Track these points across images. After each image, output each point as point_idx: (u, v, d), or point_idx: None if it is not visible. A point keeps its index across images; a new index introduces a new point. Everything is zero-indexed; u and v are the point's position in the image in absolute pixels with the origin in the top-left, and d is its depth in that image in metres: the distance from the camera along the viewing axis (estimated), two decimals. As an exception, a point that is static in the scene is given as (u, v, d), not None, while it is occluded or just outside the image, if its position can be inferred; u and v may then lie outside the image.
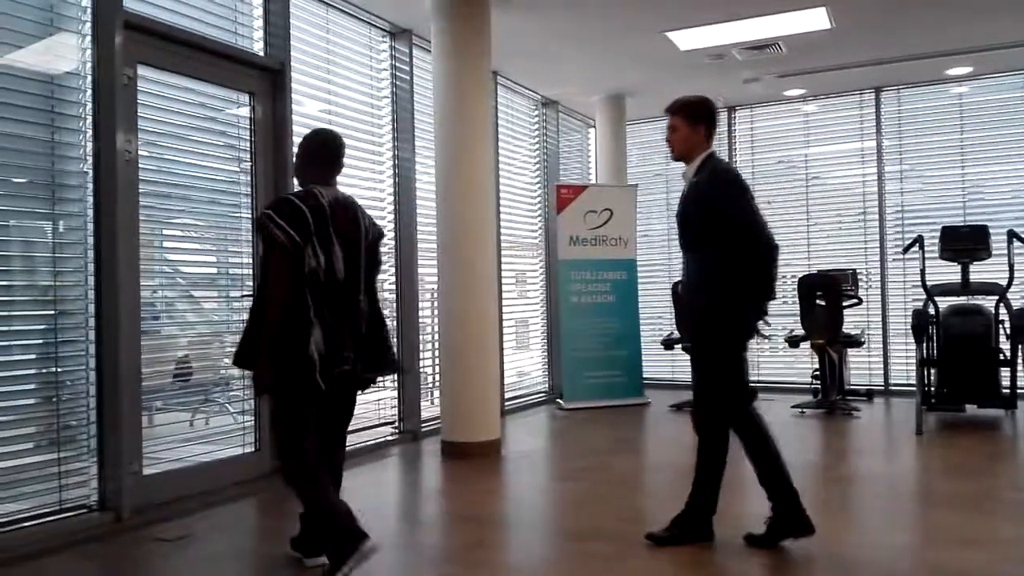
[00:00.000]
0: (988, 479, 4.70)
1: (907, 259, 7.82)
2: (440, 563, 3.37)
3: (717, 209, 3.28)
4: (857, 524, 3.78)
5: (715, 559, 3.30)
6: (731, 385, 3.35)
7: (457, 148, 5.40)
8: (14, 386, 3.73)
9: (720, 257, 3.29)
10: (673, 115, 3.43)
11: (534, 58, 6.72)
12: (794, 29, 6.10)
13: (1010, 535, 3.57)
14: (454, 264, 5.42)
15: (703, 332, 3.39)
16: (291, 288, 2.86)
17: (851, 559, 3.25)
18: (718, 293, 3.29)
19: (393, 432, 5.98)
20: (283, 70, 4.91)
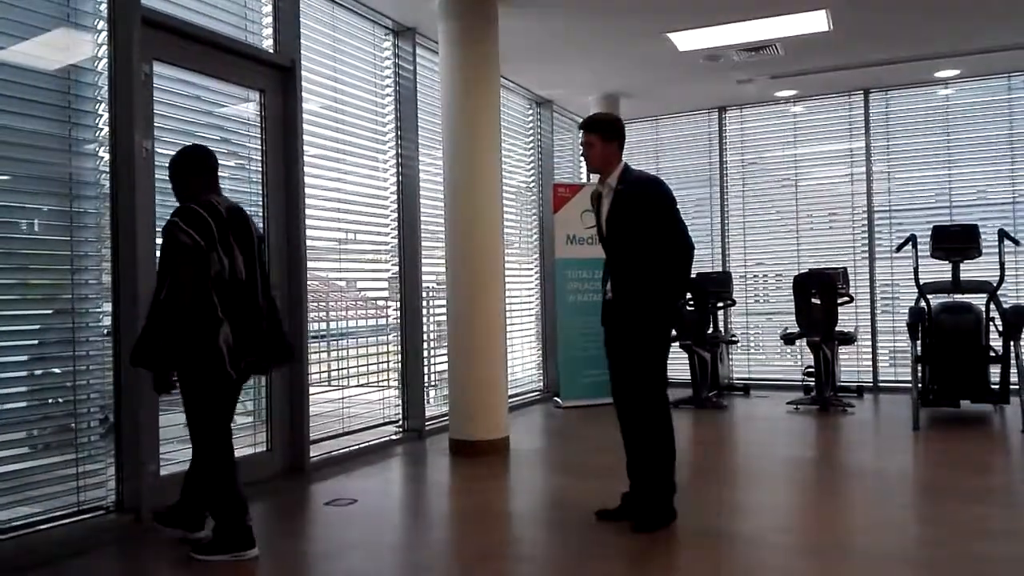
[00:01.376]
0: (999, 474, 4.83)
1: (894, 257, 7.99)
2: (484, 559, 3.39)
3: (649, 213, 3.60)
4: (882, 518, 3.84)
5: (730, 545, 3.36)
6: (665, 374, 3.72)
7: (465, 148, 5.42)
8: (30, 386, 3.68)
9: (652, 257, 3.60)
10: (589, 132, 3.72)
11: (531, 58, 6.74)
12: (793, 31, 6.19)
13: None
14: (462, 263, 5.44)
15: (645, 328, 3.62)
16: (199, 290, 3.14)
17: (885, 552, 3.32)
18: (658, 291, 3.59)
19: (397, 431, 5.97)
20: (293, 67, 4.88)
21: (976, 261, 6.63)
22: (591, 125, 3.74)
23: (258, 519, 4.14)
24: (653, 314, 3.62)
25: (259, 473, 4.67)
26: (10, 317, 3.58)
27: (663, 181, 3.76)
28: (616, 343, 3.75)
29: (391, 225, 6.01)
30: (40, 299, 3.74)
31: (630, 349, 3.66)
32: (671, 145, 9.17)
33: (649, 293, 3.60)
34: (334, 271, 5.68)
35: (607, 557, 3.32)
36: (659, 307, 3.62)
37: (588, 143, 3.72)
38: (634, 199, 3.62)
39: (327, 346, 5.58)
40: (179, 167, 3.41)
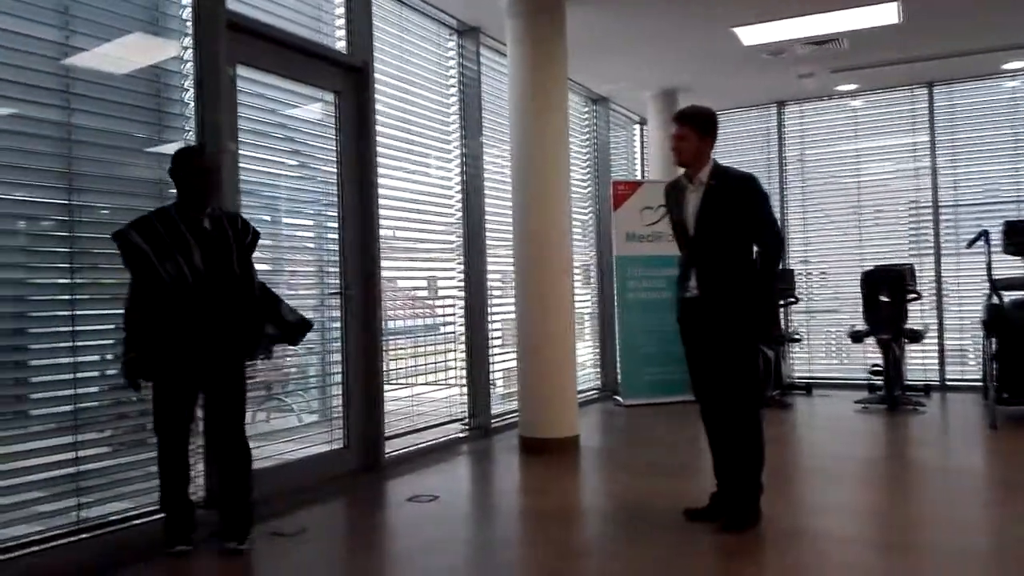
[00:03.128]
0: None
1: (960, 253, 7.83)
2: (576, 557, 3.39)
3: (744, 209, 3.55)
4: (967, 517, 3.77)
5: (819, 544, 3.32)
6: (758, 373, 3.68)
7: (534, 148, 5.42)
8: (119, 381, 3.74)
9: (745, 254, 3.58)
10: (684, 125, 3.60)
11: (589, 54, 6.70)
12: (862, 24, 6.09)
13: None
14: (531, 260, 5.44)
15: (739, 325, 3.55)
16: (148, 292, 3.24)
17: (972, 550, 3.25)
18: (754, 288, 3.56)
19: (463, 428, 6.00)
20: (366, 68, 4.93)
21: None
22: (687, 117, 3.61)
23: (346, 514, 4.24)
24: (749, 311, 3.55)
25: (337, 469, 4.73)
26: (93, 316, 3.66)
27: (757, 176, 3.67)
28: (703, 341, 3.64)
29: (456, 224, 6.04)
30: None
31: (723, 347, 3.58)
32: (729, 141, 9.07)
33: (744, 290, 3.53)
34: (402, 270, 5.72)
35: (698, 555, 3.30)
36: (756, 304, 3.57)
37: (681, 136, 3.59)
38: (729, 195, 3.55)
39: (395, 344, 5.62)
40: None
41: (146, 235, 3.23)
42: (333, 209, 4.82)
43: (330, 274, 4.84)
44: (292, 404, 5.21)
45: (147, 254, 3.21)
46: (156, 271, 3.21)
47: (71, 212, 3.43)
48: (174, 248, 3.25)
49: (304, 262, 4.87)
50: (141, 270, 3.22)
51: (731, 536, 3.47)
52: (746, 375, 3.59)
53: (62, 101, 3.39)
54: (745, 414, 3.60)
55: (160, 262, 3.21)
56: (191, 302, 3.27)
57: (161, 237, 3.24)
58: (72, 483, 3.37)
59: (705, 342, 3.65)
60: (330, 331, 4.88)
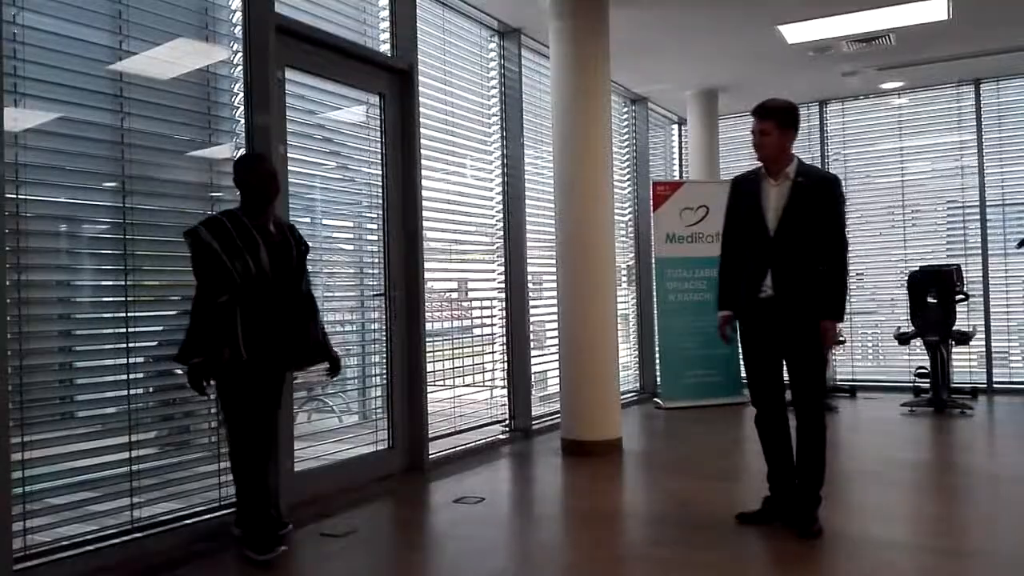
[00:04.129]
0: None
1: (1009, 254, 7.66)
2: (632, 560, 3.37)
3: (827, 210, 3.50)
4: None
5: (881, 550, 3.25)
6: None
7: (577, 150, 5.39)
8: (173, 380, 3.78)
9: (822, 255, 3.50)
10: (765, 119, 3.51)
11: (629, 54, 6.63)
12: (910, 20, 5.98)
13: None
14: (574, 262, 5.42)
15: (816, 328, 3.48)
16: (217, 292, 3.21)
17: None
18: (835, 290, 3.51)
19: (504, 430, 5.99)
20: (411, 71, 4.94)
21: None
22: (769, 111, 3.50)
23: (395, 515, 4.25)
24: (826, 314, 3.49)
25: (382, 470, 4.75)
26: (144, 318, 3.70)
27: (839, 178, 3.64)
28: (774, 343, 3.57)
29: (497, 226, 6.03)
30: (172, 300, 3.81)
31: (798, 350, 3.51)
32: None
33: (820, 292, 3.47)
34: (444, 271, 5.72)
35: (753, 561, 3.25)
36: (836, 308, 3.53)
37: (764, 131, 3.49)
38: (817, 193, 3.49)
39: (438, 345, 5.62)
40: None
41: (216, 234, 3.22)
42: (377, 211, 4.84)
43: (373, 275, 4.86)
44: (333, 405, 5.25)
45: (218, 252, 3.19)
46: (227, 269, 3.20)
47: (124, 215, 3.48)
48: (244, 248, 3.24)
49: (347, 263, 4.89)
50: (211, 269, 3.20)
51: (790, 543, 3.41)
52: (820, 379, 3.54)
53: (115, 105, 3.44)
54: (816, 418, 3.51)
55: (231, 260, 3.20)
56: (260, 301, 3.27)
57: (231, 236, 3.24)
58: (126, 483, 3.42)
59: (777, 344, 3.56)
60: (372, 332, 4.90)
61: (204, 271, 3.22)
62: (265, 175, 3.39)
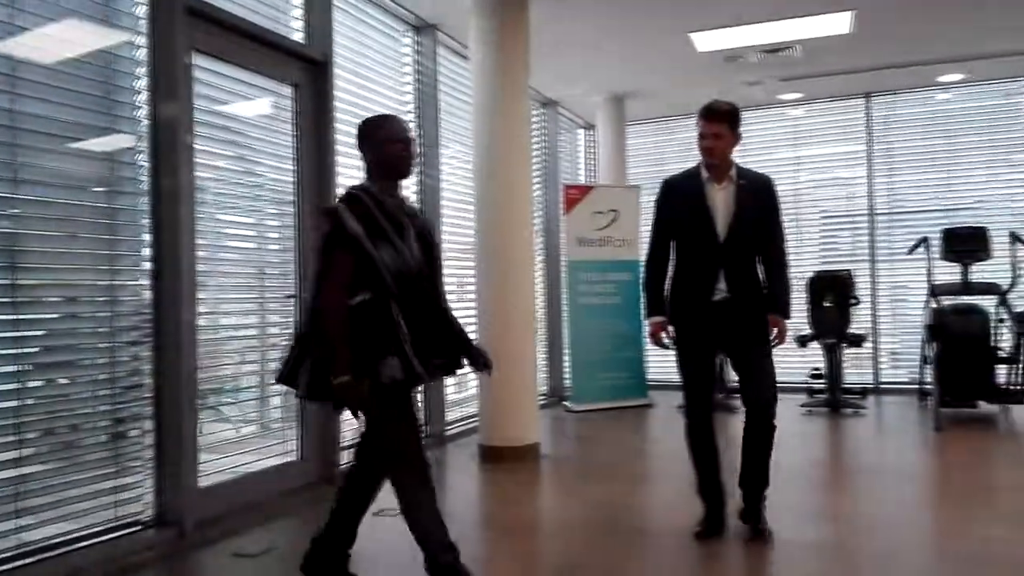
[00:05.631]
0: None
1: (897, 260, 8.07)
2: (574, 570, 3.27)
3: (770, 211, 3.56)
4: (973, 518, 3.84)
5: (814, 552, 3.30)
6: None
7: (498, 151, 5.27)
8: (66, 394, 3.44)
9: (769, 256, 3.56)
10: (718, 122, 3.45)
11: (543, 57, 6.61)
12: (815, 33, 6.19)
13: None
14: (493, 264, 5.30)
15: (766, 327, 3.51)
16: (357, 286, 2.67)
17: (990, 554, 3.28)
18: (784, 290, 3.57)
19: (417, 437, 5.80)
20: (326, 62, 4.71)
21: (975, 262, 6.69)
22: (722, 115, 3.44)
23: (311, 530, 3.96)
24: (783, 312, 3.53)
25: (293, 482, 4.49)
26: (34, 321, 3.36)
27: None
28: (724, 346, 3.55)
29: (411, 226, 5.85)
30: (83, 301, 3.50)
31: (756, 349, 3.50)
32: (673, 148, 9.14)
33: (770, 292, 3.52)
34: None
35: (689, 566, 3.23)
36: (788, 305, 3.56)
37: (717, 134, 3.41)
38: (760, 195, 3.51)
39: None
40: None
41: (360, 215, 2.65)
42: (290, 207, 4.58)
43: (282, 276, 4.60)
44: (230, 415, 4.93)
45: (358, 238, 2.64)
46: (371, 260, 2.64)
47: (12, 206, 3.13)
48: (391, 231, 2.69)
49: (257, 262, 4.60)
50: (346, 260, 2.62)
51: (721, 546, 3.42)
52: (775, 378, 3.51)
53: (3, 86, 3.08)
54: (772, 418, 3.47)
55: (376, 248, 2.64)
56: (415, 297, 2.72)
57: (374, 218, 2.67)
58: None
59: (727, 347, 3.55)
60: (280, 336, 4.63)
61: (339, 261, 2.63)
62: (405, 141, 2.84)
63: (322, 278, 2.65)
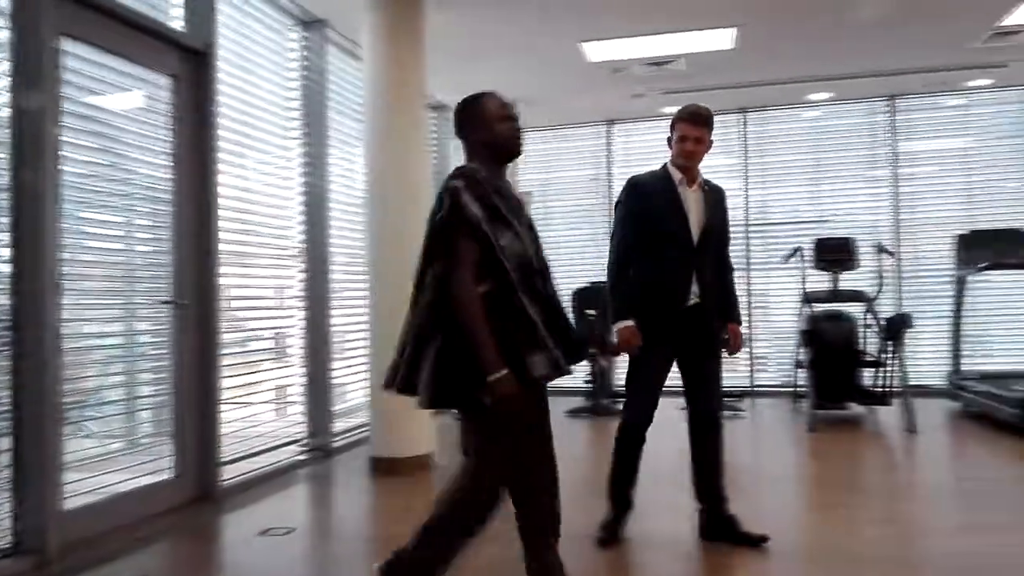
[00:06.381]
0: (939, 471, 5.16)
1: (771, 269, 8.43)
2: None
3: (726, 216, 3.68)
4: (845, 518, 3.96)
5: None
6: None
7: (393, 153, 5.11)
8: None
9: (724, 261, 3.64)
10: (704, 127, 3.46)
11: (434, 61, 6.50)
12: (699, 47, 6.37)
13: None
14: (388, 267, 5.11)
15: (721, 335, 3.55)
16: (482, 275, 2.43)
17: (864, 555, 3.40)
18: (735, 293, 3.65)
19: (303, 450, 5.55)
20: (208, 53, 4.43)
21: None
22: (706, 119, 3.44)
23: (193, 554, 3.71)
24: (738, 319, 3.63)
25: (169, 502, 4.18)
26: None
27: None
28: (691, 351, 3.48)
29: (297, 230, 5.61)
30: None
31: (715, 355, 3.51)
32: (563, 157, 9.23)
33: (731, 297, 3.59)
34: (240, 277, 5.20)
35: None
36: (739, 311, 3.65)
37: (700, 138, 3.41)
38: (720, 202, 3.59)
39: (232, 360, 5.09)
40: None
41: (478, 197, 2.42)
42: (166, 207, 4.27)
43: (155, 281, 4.27)
44: (96, 429, 4.55)
45: (478, 223, 2.39)
46: (491, 246, 2.39)
47: None
48: (509, 216, 2.46)
49: (128, 265, 4.26)
50: (473, 245, 2.38)
51: (602, 551, 3.40)
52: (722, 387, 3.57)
53: None
54: (722, 422, 3.52)
55: (494, 235, 2.40)
56: (536, 287, 2.50)
57: (491, 200, 2.44)
58: None
59: (690, 352, 3.49)
60: (154, 345, 4.31)
61: (461, 249, 2.39)
62: (515, 118, 2.62)
63: (448, 268, 2.39)
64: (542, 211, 8.95)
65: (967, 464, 5.36)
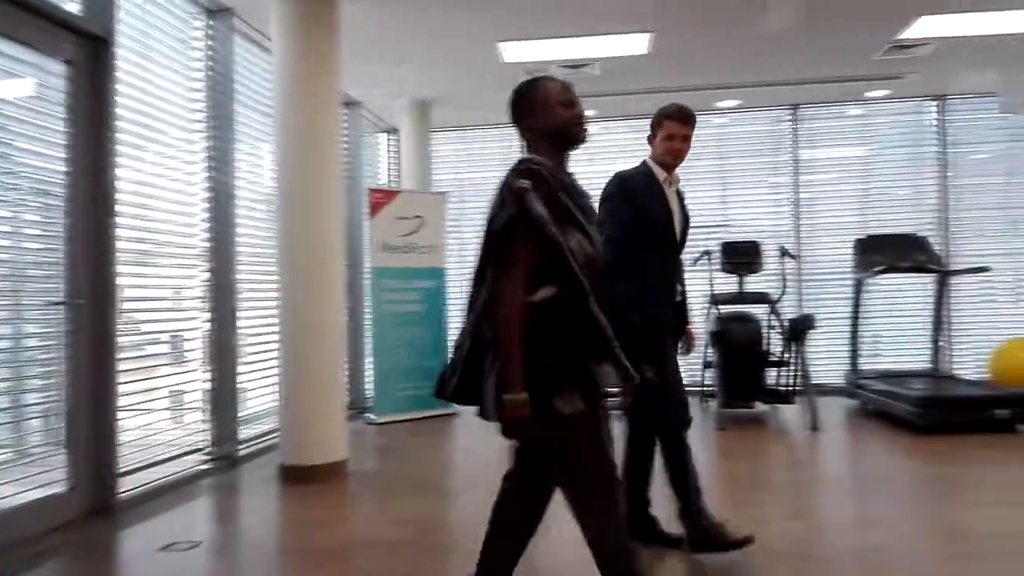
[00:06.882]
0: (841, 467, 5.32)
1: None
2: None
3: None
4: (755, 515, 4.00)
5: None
6: None
7: (304, 149, 4.94)
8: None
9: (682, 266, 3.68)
10: (691, 126, 3.45)
11: (346, 56, 6.35)
12: (614, 52, 6.43)
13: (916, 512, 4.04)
14: (298, 268, 4.96)
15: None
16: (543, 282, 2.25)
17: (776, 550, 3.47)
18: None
19: (206, 459, 5.30)
20: (107, 39, 4.17)
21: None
22: (693, 119, 3.44)
23: (90, 573, 3.46)
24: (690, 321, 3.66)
25: (62, 516, 3.92)
26: None
27: None
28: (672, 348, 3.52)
29: (200, 228, 5.36)
30: None
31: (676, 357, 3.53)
32: (474, 158, 9.18)
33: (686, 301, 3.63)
34: (139, 276, 4.92)
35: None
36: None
37: (687, 137, 3.42)
38: (684, 201, 3.59)
39: (131, 364, 4.81)
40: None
41: (543, 194, 2.21)
42: (59, 202, 3.99)
43: (47, 280, 4.00)
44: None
45: (544, 223, 2.20)
46: (558, 248, 2.20)
47: None
48: (577, 214, 2.28)
49: (14, 263, 3.95)
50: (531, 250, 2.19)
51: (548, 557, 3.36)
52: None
53: None
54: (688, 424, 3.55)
55: (563, 234, 2.21)
56: (602, 291, 2.28)
57: (557, 197, 2.25)
58: None
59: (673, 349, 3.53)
60: (43, 349, 4.03)
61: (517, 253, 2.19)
62: (577, 104, 2.43)
63: (499, 271, 2.21)
64: (458, 212, 8.88)
65: (867, 461, 5.58)
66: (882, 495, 4.41)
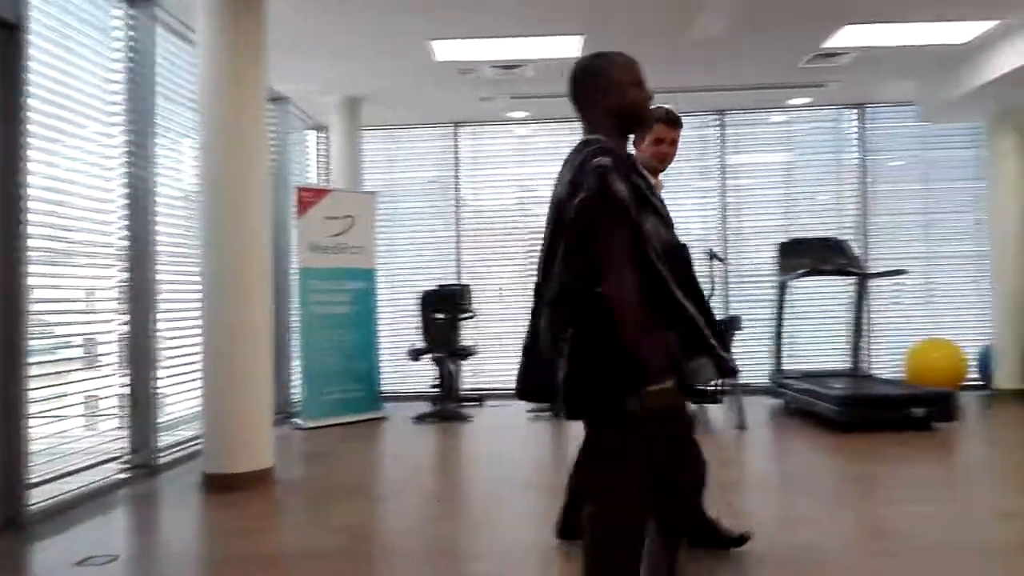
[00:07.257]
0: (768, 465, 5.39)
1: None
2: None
3: None
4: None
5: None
6: None
7: (227, 147, 4.78)
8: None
9: None
10: (679, 129, 3.35)
11: (274, 50, 6.18)
12: (546, 54, 6.43)
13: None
14: (224, 270, 4.78)
15: None
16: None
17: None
18: None
19: (123, 468, 5.07)
20: (18, 25, 3.94)
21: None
22: (681, 123, 3.33)
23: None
24: None
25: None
26: None
27: None
28: None
29: (117, 226, 5.12)
30: None
31: None
32: (410, 157, 9.06)
33: None
34: (50, 276, 4.67)
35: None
36: None
37: (675, 141, 3.30)
38: None
39: (41, 369, 4.56)
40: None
41: (624, 177, 2.05)
42: (-36, 197, 3.76)
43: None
44: None
45: (627, 207, 2.02)
46: (639, 232, 2.03)
47: None
48: (651, 196, 2.13)
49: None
50: (628, 233, 2.00)
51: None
52: None
53: None
54: None
55: (640, 217, 2.04)
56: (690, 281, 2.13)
57: (635, 181, 2.08)
58: None
59: None
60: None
61: (616, 237, 2.00)
62: (645, 83, 2.24)
63: (601, 262, 2.00)
64: (389, 212, 8.75)
65: (792, 459, 5.72)
66: (807, 494, 4.52)
